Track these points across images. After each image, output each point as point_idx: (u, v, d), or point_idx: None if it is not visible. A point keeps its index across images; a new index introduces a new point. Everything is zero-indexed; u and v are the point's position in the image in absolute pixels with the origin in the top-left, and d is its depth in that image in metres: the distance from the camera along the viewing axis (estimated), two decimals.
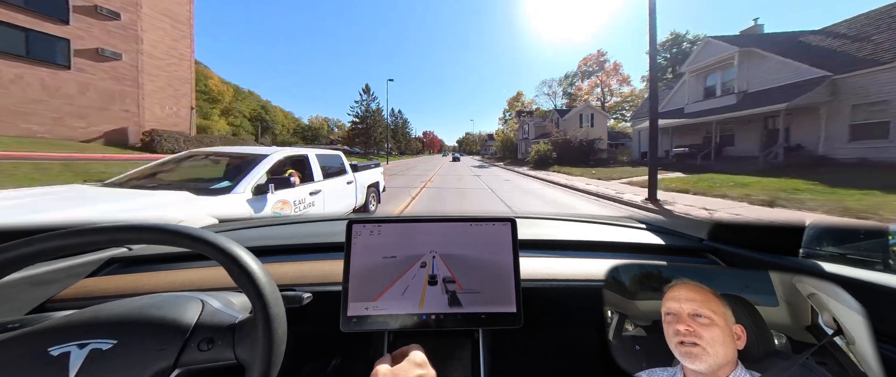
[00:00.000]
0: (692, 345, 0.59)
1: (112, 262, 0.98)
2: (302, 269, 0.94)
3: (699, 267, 0.96)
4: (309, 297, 0.75)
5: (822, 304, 0.58)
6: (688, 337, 0.60)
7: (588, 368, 0.99)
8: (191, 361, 0.51)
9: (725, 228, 1.08)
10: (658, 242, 1.12)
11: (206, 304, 0.58)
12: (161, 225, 0.52)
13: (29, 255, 0.48)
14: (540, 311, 0.87)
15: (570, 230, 1.26)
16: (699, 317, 0.60)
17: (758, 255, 0.92)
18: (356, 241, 0.73)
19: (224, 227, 1.37)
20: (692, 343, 0.59)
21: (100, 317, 0.53)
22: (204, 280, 0.88)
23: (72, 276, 0.87)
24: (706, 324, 0.60)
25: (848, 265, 0.77)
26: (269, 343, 0.50)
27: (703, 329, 0.59)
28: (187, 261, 1.00)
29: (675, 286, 0.66)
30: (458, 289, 0.71)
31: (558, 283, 0.90)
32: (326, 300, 0.77)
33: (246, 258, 0.53)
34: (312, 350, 0.98)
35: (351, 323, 0.68)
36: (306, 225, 1.43)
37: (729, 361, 0.57)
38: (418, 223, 0.76)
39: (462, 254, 0.73)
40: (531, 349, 1.03)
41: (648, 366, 0.63)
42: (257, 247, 1.02)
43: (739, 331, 0.59)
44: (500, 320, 0.70)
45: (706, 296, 0.63)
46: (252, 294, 0.51)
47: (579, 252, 1.05)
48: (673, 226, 1.25)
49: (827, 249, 0.89)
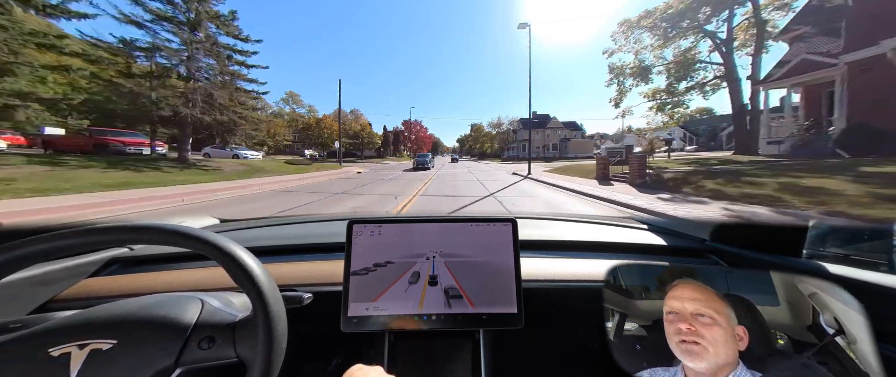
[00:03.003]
0: (693, 344, 0.59)
1: (113, 263, 0.99)
2: (302, 270, 0.94)
3: (701, 267, 0.96)
4: (309, 298, 0.75)
5: (824, 304, 0.58)
6: (689, 336, 0.60)
7: (589, 369, 0.99)
8: (192, 360, 0.51)
9: (727, 229, 1.07)
10: (660, 243, 1.12)
11: (205, 304, 0.58)
12: (162, 225, 0.52)
13: (31, 255, 0.49)
14: (541, 312, 0.87)
15: (572, 231, 1.26)
16: (701, 316, 0.60)
17: (760, 256, 0.91)
18: (357, 242, 0.73)
19: (224, 228, 1.37)
20: (693, 342, 0.59)
21: (100, 318, 0.53)
22: (204, 280, 0.88)
23: (73, 276, 0.87)
24: (708, 323, 0.60)
25: (852, 266, 0.76)
26: (269, 341, 0.50)
27: (705, 328, 0.59)
28: (188, 262, 1.00)
29: (677, 285, 0.66)
30: (459, 290, 0.70)
31: (559, 284, 0.89)
32: (327, 300, 0.77)
33: (246, 257, 0.53)
34: (313, 350, 0.97)
35: (351, 323, 0.68)
36: (306, 225, 1.43)
37: (729, 361, 0.57)
38: (419, 223, 0.76)
39: (463, 255, 0.73)
40: (532, 349, 1.03)
41: (649, 366, 0.63)
42: (257, 248, 1.02)
43: (741, 333, 0.59)
44: (500, 321, 0.69)
45: (709, 296, 0.62)
46: (252, 293, 0.51)
47: (580, 252, 1.05)
48: (674, 227, 1.25)
49: (830, 250, 0.88)
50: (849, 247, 0.87)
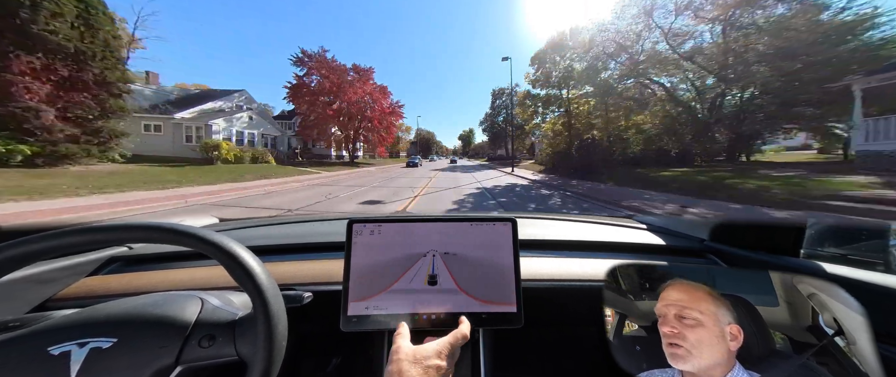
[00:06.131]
0: (676, 346, 0.59)
1: (112, 261, 0.99)
2: (302, 269, 0.94)
3: (699, 267, 0.96)
4: (309, 297, 0.75)
5: (823, 304, 0.58)
6: (672, 338, 0.60)
7: (588, 368, 0.99)
8: (192, 358, 0.51)
9: (726, 228, 1.08)
10: (659, 243, 1.12)
11: (205, 302, 0.58)
12: (161, 224, 0.52)
13: (30, 254, 0.48)
14: (540, 311, 0.87)
15: (571, 230, 1.26)
16: (685, 318, 0.60)
17: (758, 256, 0.92)
18: (356, 241, 0.73)
19: (224, 226, 1.37)
20: (676, 344, 0.59)
21: (100, 316, 0.53)
22: (204, 279, 0.88)
23: (72, 275, 0.87)
24: (691, 325, 0.59)
25: (849, 265, 0.77)
26: (270, 338, 0.50)
27: (688, 330, 0.59)
28: (187, 261, 1.00)
29: (666, 287, 0.66)
30: (459, 289, 0.71)
31: (559, 283, 0.90)
32: (327, 299, 0.77)
33: (246, 256, 0.53)
34: (313, 349, 0.98)
35: (351, 322, 0.68)
36: (306, 224, 1.43)
37: (719, 362, 0.57)
38: (418, 223, 0.76)
39: (462, 254, 0.73)
40: (532, 349, 1.03)
41: (648, 366, 0.63)
42: (257, 247, 1.02)
43: (735, 331, 0.58)
44: (500, 320, 0.69)
45: (695, 296, 0.62)
46: (252, 291, 0.51)
47: (580, 252, 1.05)
48: (673, 227, 1.25)
49: (828, 250, 0.88)
50: (846, 247, 0.87)
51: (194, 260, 1.00)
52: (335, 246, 1.05)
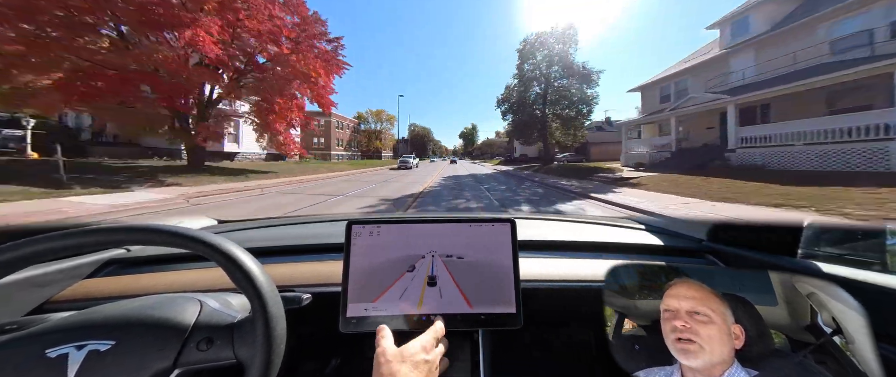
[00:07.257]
0: (688, 341, 0.59)
1: (110, 264, 0.98)
2: (301, 270, 0.94)
3: (698, 267, 0.96)
4: (308, 299, 0.74)
5: (822, 304, 0.58)
6: (684, 333, 0.60)
7: (588, 369, 0.99)
8: (190, 361, 0.51)
9: (724, 229, 1.08)
10: (657, 243, 1.12)
11: (204, 305, 0.58)
12: (159, 226, 0.52)
13: (27, 257, 0.48)
14: (539, 312, 0.87)
15: (570, 231, 1.26)
16: (697, 314, 0.61)
17: (757, 256, 0.92)
18: (356, 242, 0.73)
19: (222, 228, 1.37)
20: (688, 339, 0.60)
21: (98, 319, 0.53)
22: (202, 281, 0.88)
23: (70, 278, 0.87)
24: (704, 321, 0.60)
25: (846, 266, 0.77)
26: (268, 341, 0.50)
27: (701, 326, 0.60)
28: (185, 263, 1.00)
29: (675, 284, 0.67)
30: (458, 290, 0.70)
31: (558, 284, 0.90)
32: (326, 301, 0.77)
33: (244, 258, 0.53)
34: (312, 351, 0.97)
35: (350, 324, 0.68)
36: (305, 225, 1.43)
37: (725, 359, 0.58)
38: (417, 224, 0.76)
39: (461, 255, 0.73)
40: (531, 350, 1.03)
41: (648, 366, 0.63)
42: (256, 248, 1.01)
43: (738, 332, 0.59)
44: (499, 321, 0.69)
45: (705, 294, 0.63)
46: (250, 293, 0.51)
47: (578, 253, 1.06)
48: (672, 227, 1.26)
49: (825, 250, 0.89)
50: (843, 247, 0.88)
51: (193, 262, 0.99)
52: (334, 247, 1.05)
